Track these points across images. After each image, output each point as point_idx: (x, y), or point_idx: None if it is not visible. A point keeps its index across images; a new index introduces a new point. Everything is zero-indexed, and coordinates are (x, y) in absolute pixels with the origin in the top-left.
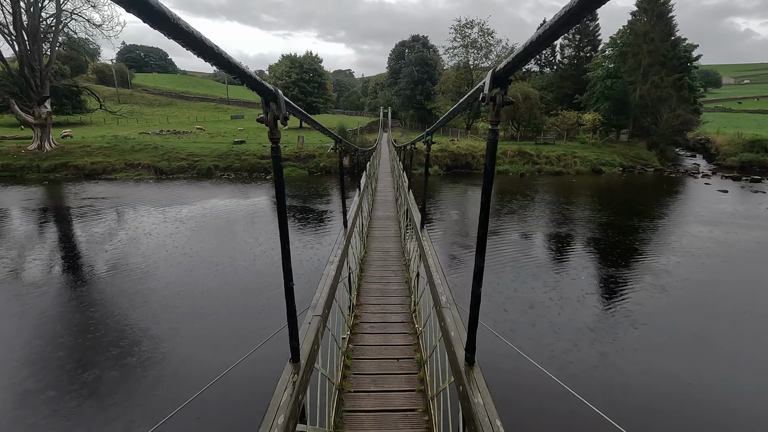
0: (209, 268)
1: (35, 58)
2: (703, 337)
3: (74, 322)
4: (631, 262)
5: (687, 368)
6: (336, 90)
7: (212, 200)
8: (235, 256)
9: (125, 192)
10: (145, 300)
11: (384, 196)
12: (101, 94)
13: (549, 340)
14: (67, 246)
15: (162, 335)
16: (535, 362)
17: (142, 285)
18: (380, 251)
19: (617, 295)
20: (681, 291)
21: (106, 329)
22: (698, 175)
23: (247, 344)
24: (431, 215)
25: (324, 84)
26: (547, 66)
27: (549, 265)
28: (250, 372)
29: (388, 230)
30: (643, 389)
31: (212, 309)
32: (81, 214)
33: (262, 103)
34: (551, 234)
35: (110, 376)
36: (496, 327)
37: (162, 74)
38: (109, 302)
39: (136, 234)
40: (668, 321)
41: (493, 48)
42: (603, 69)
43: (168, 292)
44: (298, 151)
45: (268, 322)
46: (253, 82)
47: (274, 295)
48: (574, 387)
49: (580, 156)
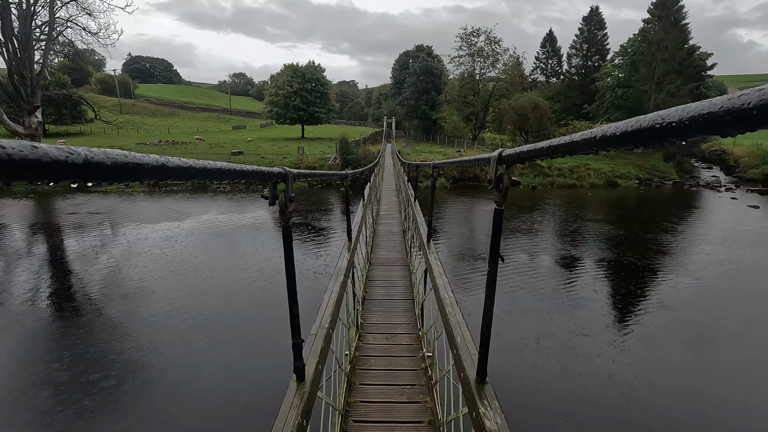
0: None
1: (26, 66)
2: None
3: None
4: (674, 293)
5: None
6: (340, 101)
7: (205, 215)
8: (232, 299)
9: (113, 206)
10: (135, 331)
11: (388, 226)
12: (103, 104)
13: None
14: (42, 268)
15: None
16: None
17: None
18: (384, 268)
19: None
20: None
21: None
22: (721, 188)
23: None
24: (437, 230)
25: (326, 94)
26: (554, 76)
27: (571, 294)
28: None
29: (392, 257)
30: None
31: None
32: (62, 231)
33: (269, 185)
34: (572, 256)
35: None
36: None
37: (166, 85)
38: (94, 331)
39: (117, 257)
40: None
41: (500, 57)
42: (613, 78)
43: (157, 329)
44: (298, 163)
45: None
46: (261, 175)
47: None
48: None
49: (594, 168)
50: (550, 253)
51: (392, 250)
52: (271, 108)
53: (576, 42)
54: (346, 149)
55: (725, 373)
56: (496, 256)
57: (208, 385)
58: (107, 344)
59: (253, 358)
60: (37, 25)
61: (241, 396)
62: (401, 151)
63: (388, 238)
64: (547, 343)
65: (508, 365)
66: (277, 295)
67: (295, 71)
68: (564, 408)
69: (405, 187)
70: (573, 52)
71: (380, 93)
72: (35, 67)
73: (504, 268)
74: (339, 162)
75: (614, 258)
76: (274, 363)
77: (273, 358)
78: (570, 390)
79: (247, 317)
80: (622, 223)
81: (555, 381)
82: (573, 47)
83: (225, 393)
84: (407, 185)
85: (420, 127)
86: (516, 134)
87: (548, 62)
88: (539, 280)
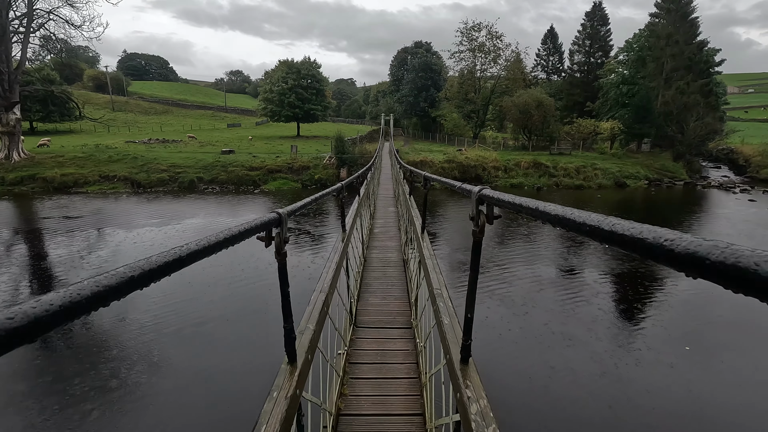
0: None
1: (3, 60)
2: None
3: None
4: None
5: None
6: (338, 99)
7: (191, 220)
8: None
9: (92, 207)
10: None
11: (383, 252)
12: (95, 101)
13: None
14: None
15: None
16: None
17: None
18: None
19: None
20: None
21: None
22: (735, 189)
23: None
24: (436, 234)
25: (323, 90)
26: (555, 73)
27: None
28: None
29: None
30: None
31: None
32: (31, 238)
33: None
34: (587, 266)
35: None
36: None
37: (161, 82)
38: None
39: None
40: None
41: (501, 52)
42: (617, 75)
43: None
44: (291, 162)
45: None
46: (256, 228)
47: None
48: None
49: (601, 168)
50: (556, 265)
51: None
52: (266, 105)
53: (578, 38)
54: (341, 148)
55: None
56: (474, 285)
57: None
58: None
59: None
60: (16, 16)
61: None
62: (400, 151)
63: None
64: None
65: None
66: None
67: (290, 67)
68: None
69: (406, 199)
70: (575, 49)
71: (378, 91)
72: (13, 62)
73: (505, 276)
74: (334, 161)
75: (633, 272)
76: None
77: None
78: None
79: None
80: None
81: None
82: (575, 43)
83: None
84: (408, 198)
85: (419, 125)
86: (518, 132)
87: (549, 59)
88: (542, 292)
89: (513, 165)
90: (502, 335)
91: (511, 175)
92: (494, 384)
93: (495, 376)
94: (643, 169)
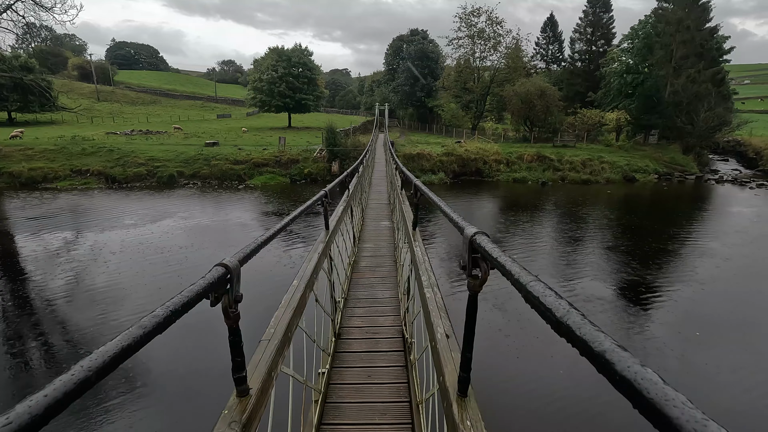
0: None
1: None
2: None
3: None
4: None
5: None
6: (332, 89)
7: (164, 221)
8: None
9: (59, 206)
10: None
11: (375, 259)
12: (80, 91)
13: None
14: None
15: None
16: None
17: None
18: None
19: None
20: None
21: None
22: (750, 183)
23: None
24: (434, 235)
25: (314, 79)
26: (555, 62)
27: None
28: None
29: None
30: None
31: None
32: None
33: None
34: (588, 266)
35: None
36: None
37: (149, 71)
38: None
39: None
40: None
41: (502, 39)
42: (621, 64)
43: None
44: (278, 155)
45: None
46: (202, 294)
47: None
48: None
49: (609, 161)
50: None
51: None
52: (255, 95)
53: (580, 26)
54: (333, 140)
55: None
56: (472, 333)
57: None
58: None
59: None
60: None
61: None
62: (395, 143)
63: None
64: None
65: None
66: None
67: (280, 55)
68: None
69: (401, 208)
70: (576, 37)
71: (373, 81)
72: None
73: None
74: (325, 154)
75: (631, 279)
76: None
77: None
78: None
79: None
80: (657, 232)
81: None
82: (576, 31)
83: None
84: (402, 205)
85: (415, 115)
86: (520, 123)
87: (549, 48)
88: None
89: (515, 158)
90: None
91: (514, 169)
92: (493, 386)
93: (495, 375)
94: (651, 162)
